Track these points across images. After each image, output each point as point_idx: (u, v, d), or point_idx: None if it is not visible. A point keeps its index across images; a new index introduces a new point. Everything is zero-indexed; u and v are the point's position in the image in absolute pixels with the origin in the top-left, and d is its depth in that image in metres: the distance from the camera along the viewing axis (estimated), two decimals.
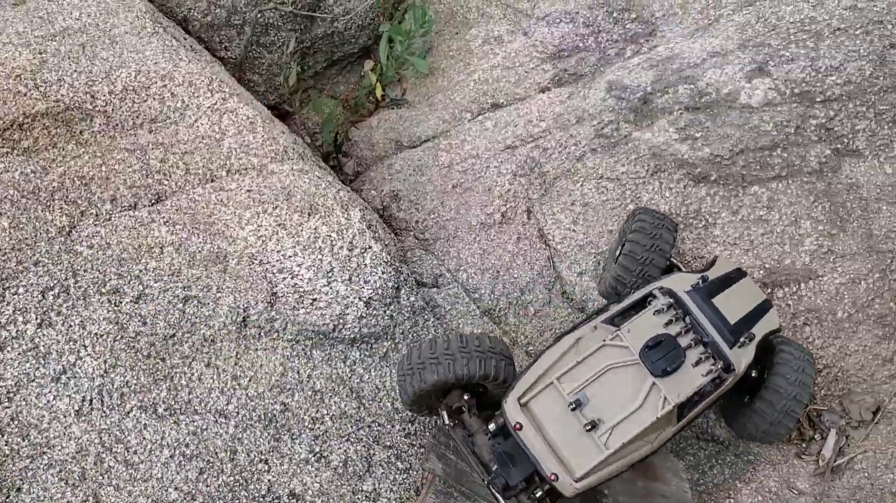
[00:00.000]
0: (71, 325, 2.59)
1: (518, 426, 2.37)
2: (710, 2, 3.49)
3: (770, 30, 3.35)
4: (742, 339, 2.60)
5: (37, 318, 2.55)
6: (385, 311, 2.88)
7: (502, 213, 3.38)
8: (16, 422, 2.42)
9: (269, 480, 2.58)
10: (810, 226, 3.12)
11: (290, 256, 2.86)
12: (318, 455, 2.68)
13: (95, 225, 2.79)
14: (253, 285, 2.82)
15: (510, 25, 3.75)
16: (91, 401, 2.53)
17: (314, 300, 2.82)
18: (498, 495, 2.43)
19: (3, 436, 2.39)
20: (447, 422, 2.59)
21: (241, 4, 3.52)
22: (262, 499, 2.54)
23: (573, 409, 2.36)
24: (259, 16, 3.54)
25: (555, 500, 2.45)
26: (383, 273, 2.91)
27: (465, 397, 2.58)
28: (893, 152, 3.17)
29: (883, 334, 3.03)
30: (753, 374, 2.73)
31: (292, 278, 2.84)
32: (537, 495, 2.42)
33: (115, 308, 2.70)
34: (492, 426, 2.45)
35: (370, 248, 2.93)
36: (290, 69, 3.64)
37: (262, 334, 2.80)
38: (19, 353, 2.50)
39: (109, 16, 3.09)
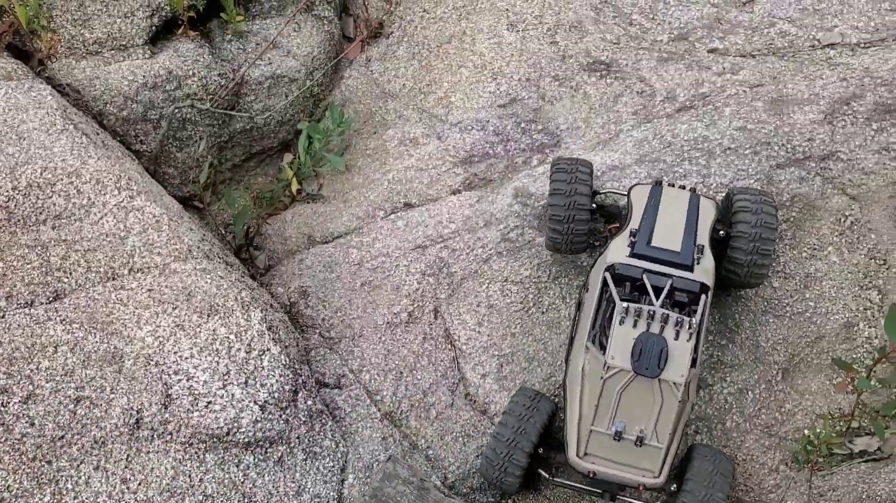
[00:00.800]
0: None
1: (592, 474, 2.77)
2: (610, 117, 3.67)
3: (665, 146, 3.53)
4: (696, 256, 2.87)
5: None
6: (281, 415, 2.89)
7: (409, 312, 3.44)
8: None
9: None
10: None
11: (186, 358, 2.86)
12: None
13: None
14: (148, 387, 2.81)
15: (425, 129, 3.87)
16: None
17: (209, 403, 2.81)
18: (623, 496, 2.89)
19: None
20: (547, 477, 2.97)
21: (159, 100, 3.57)
22: None
23: (619, 440, 2.71)
24: (176, 111, 3.60)
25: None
26: (281, 376, 2.93)
27: (540, 451, 2.93)
28: (780, 267, 3.33)
29: (769, 444, 3.14)
30: (722, 234, 3.02)
31: (188, 380, 2.83)
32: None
33: (2, 409, 2.66)
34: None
35: (268, 350, 2.95)
36: (202, 168, 3.69)
37: (154, 436, 2.78)
38: None
39: (19, 112, 3.12)
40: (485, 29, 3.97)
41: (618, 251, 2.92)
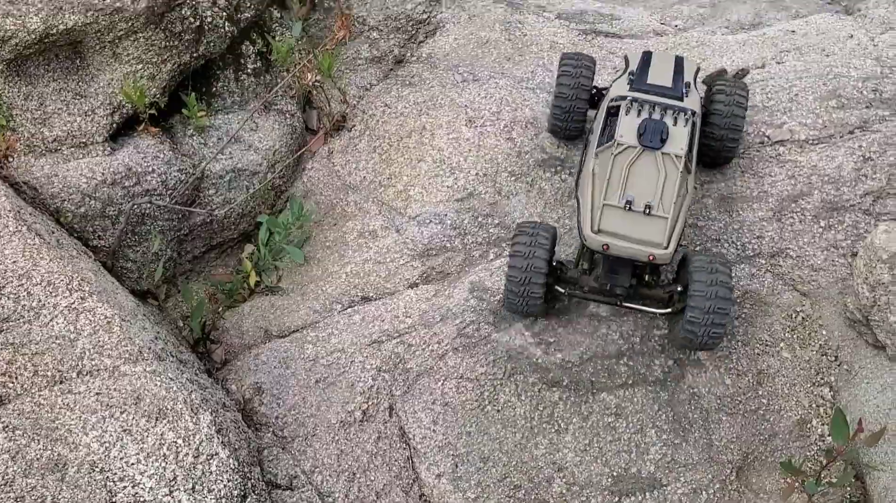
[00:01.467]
0: None
1: (606, 247, 3.04)
2: (565, 212, 3.72)
3: None
4: (684, 90, 3.32)
5: None
6: None
7: (363, 410, 3.42)
8: None
9: None
10: (655, 434, 3.23)
11: (132, 464, 2.82)
12: None
13: None
14: (91, 495, 2.76)
15: (385, 221, 3.90)
16: None
17: None
18: (631, 301, 3.22)
19: None
20: (563, 291, 3.27)
21: (118, 196, 3.60)
22: None
23: (629, 209, 3.03)
24: (135, 208, 3.62)
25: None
26: (229, 481, 2.89)
27: (554, 264, 3.23)
28: (732, 363, 3.35)
29: None
30: (704, 110, 3.55)
31: (133, 487, 2.79)
32: (648, 277, 3.22)
33: None
34: (584, 264, 3.29)
35: (217, 454, 2.92)
36: (156, 266, 3.70)
37: None
38: None
39: None
40: (444, 124, 4.05)
41: (619, 88, 3.39)
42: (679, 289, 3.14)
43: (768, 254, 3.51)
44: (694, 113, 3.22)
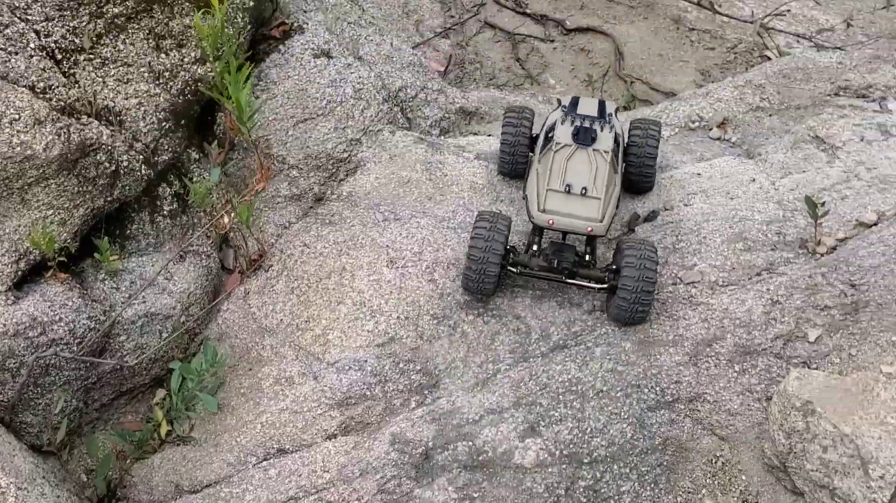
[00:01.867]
0: None
1: (550, 222, 3.68)
2: (488, 356, 3.71)
3: (541, 388, 3.57)
4: (608, 118, 3.95)
5: None
6: None
7: None
8: None
9: None
10: None
11: None
12: None
13: None
14: None
15: (302, 367, 3.81)
16: None
17: None
18: (573, 278, 3.76)
19: None
20: (515, 271, 3.77)
21: (20, 348, 3.42)
22: None
23: (568, 192, 3.69)
24: (38, 360, 3.44)
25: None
26: None
27: (508, 246, 3.76)
28: None
29: None
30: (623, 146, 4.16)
31: None
32: (588, 258, 3.80)
33: None
34: (534, 248, 3.82)
35: None
36: (60, 422, 3.51)
37: None
38: None
39: None
40: (364, 265, 4.03)
41: (553, 117, 4.03)
42: (614, 267, 3.69)
43: (686, 398, 3.56)
44: (619, 133, 3.94)
